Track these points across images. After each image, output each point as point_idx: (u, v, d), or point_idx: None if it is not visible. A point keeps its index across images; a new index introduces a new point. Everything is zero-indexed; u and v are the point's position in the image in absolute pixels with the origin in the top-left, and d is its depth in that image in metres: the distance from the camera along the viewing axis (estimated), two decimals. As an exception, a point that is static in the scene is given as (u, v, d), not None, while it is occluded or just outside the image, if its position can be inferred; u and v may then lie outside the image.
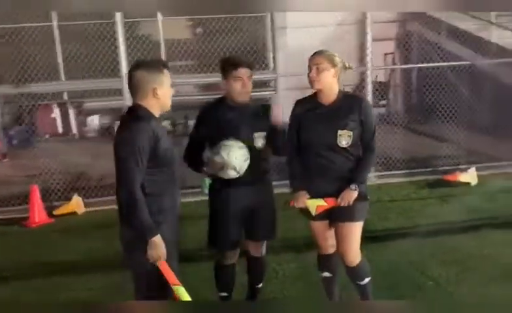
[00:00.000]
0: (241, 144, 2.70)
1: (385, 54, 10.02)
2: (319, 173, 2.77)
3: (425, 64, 7.31)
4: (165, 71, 2.27)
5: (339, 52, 2.67)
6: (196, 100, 7.23)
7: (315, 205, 2.74)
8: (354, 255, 2.80)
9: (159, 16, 8.59)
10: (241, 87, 2.75)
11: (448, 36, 8.60)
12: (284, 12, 7.99)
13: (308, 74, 2.70)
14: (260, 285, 3.04)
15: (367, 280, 2.86)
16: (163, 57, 7.76)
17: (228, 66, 2.76)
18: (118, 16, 5.48)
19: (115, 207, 2.26)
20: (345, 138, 2.70)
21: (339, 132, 2.69)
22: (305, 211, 2.81)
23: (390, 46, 9.93)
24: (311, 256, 3.21)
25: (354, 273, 2.85)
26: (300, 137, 2.81)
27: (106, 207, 5.29)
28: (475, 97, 7.82)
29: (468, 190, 5.65)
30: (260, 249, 2.99)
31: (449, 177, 5.93)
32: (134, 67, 2.28)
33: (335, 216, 2.78)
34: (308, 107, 2.80)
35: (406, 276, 3.56)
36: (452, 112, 6.79)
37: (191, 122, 3.65)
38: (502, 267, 3.57)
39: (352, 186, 2.70)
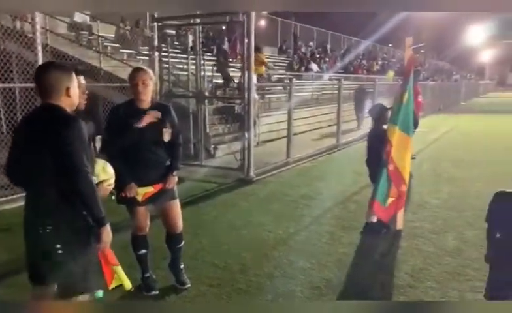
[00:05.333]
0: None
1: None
2: (148, 165, 3.37)
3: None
4: (74, 72, 2.40)
5: None
6: None
7: (144, 192, 3.37)
8: (180, 224, 3.62)
9: None
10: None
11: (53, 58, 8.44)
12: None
13: (134, 87, 3.27)
14: None
15: (183, 242, 3.68)
16: None
17: None
18: None
19: None
20: (167, 135, 3.42)
21: (164, 130, 3.39)
22: (127, 200, 3.36)
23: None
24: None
25: (178, 239, 3.63)
26: (128, 137, 3.28)
27: None
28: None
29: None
30: None
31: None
32: (47, 68, 2.36)
33: (163, 198, 3.46)
34: (129, 112, 3.34)
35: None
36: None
37: None
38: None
39: (174, 173, 3.47)
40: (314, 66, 19.25)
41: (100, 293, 3.07)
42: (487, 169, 8.37)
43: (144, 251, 3.59)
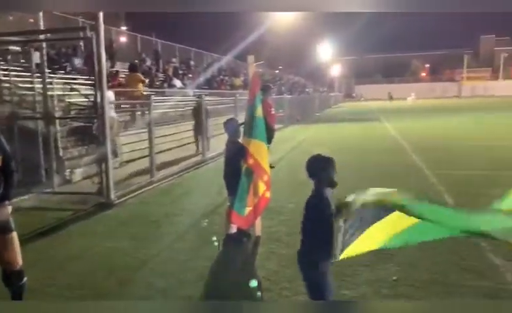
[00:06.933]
0: None
1: None
2: None
3: None
4: None
5: None
6: None
7: None
8: (19, 258, 3.25)
9: None
10: None
11: None
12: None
13: None
14: None
15: (25, 278, 3.34)
16: None
17: None
18: None
19: None
20: None
21: None
22: None
23: None
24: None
25: (18, 275, 3.27)
26: None
27: None
28: None
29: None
30: None
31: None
32: None
33: None
34: None
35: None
36: None
37: None
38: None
39: (7, 203, 3.15)
40: (177, 82, 19.25)
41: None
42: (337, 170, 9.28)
43: None
